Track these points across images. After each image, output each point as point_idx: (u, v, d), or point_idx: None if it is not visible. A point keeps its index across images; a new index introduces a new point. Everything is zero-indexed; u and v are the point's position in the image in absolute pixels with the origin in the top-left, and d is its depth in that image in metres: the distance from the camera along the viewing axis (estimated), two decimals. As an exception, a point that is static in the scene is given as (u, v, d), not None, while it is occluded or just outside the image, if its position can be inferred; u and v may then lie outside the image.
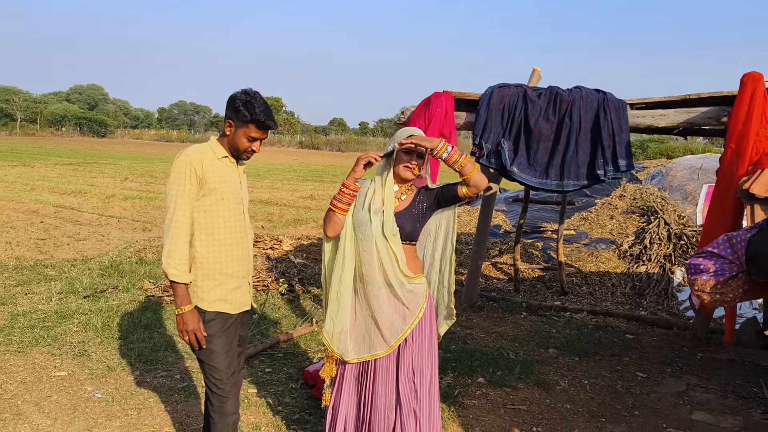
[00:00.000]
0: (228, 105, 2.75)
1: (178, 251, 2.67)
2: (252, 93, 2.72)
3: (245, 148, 2.77)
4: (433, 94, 4.59)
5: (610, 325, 6.17)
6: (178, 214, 2.67)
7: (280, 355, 4.95)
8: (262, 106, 2.70)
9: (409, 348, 2.86)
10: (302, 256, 8.29)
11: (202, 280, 2.78)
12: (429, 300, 2.93)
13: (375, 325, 2.86)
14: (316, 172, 28.64)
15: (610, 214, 8.73)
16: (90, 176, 20.70)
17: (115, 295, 6.31)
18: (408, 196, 2.91)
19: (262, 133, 2.75)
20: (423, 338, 2.89)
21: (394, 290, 2.82)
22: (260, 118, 2.69)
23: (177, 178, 2.70)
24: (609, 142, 4.11)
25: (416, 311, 2.85)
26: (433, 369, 2.96)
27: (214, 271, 2.79)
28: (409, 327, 2.84)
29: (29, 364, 4.52)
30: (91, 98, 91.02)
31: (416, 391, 2.86)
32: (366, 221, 2.82)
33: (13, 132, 65.04)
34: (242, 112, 2.68)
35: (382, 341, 2.85)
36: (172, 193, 2.69)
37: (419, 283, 2.87)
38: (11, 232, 9.99)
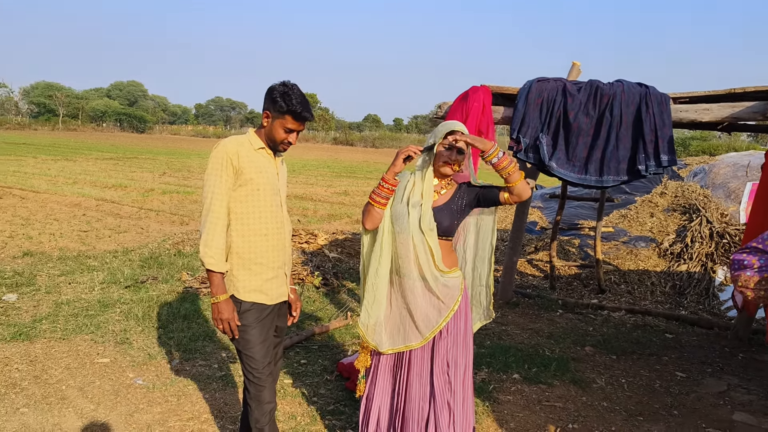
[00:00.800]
0: (266, 96, 2.78)
1: (215, 241, 2.71)
2: (290, 85, 2.74)
3: (282, 139, 2.79)
4: (470, 89, 4.56)
5: (649, 324, 6.05)
6: (215, 204, 2.71)
7: (315, 347, 5.00)
8: (299, 97, 2.72)
9: (443, 341, 2.87)
10: (337, 251, 8.34)
11: (237, 269, 2.82)
12: (464, 294, 2.92)
13: (410, 317, 2.87)
14: (350, 168, 28.74)
15: (650, 211, 8.56)
16: (130, 171, 21.16)
17: (154, 285, 6.44)
18: (448, 191, 2.90)
19: (299, 124, 2.77)
20: (458, 331, 2.89)
21: (428, 284, 2.83)
22: (297, 109, 2.71)
23: (214, 168, 2.74)
24: (651, 137, 4.02)
25: (451, 304, 2.85)
26: (468, 362, 2.96)
27: (250, 261, 2.82)
28: (444, 320, 2.85)
29: (73, 350, 4.65)
30: (131, 94, 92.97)
31: (450, 384, 2.87)
32: (404, 214, 2.83)
33: (55, 127, 66.86)
34: (279, 103, 2.71)
35: (416, 333, 2.87)
36: (209, 184, 2.73)
37: (454, 277, 2.86)
38: (55, 224, 10.28)
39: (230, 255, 2.81)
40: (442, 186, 2.90)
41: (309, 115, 2.77)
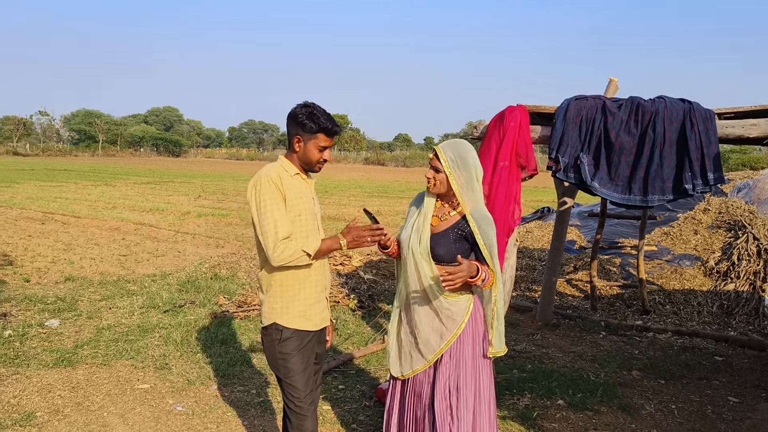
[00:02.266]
0: (291, 122, 2.79)
1: (296, 253, 2.67)
2: (311, 104, 2.78)
3: (317, 159, 2.81)
4: (506, 108, 4.49)
5: (697, 346, 5.83)
6: (281, 229, 2.66)
7: (353, 372, 4.94)
8: (324, 114, 2.76)
9: (445, 366, 2.83)
10: (372, 272, 8.29)
11: (280, 296, 2.80)
12: (472, 318, 2.84)
13: (414, 341, 2.88)
14: (382, 187, 28.79)
15: (693, 228, 8.31)
16: (166, 194, 21.55)
17: (192, 309, 6.48)
18: (449, 219, 2.85)
19: (331, 140, 2.81)
20: (464, 357, 2.82)
21: (432, 307, 2.83)
22: (327, 126, 2.75)
23: (264, 195, 2.68)
24: (697, 155, 3.89)
25: (453, 329, 2.82)
26: (479, 389, 2.85)
27: (292, 287, 2.80)
28: (445, 344, 2.82)
29: (114, 376, 4.68)
30: (167, 119, 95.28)
31: (452, 410, 2.81)
32: (406, 238, 2.88)
33: (95, 153, 68.77)
34: (308, 125, 2.73)
35: (420, 357, 2.87)
36: (266, 211, 2.67)
37: (457, 302, 2.82)
38: (95, 249, 10.48)
39: (272, 282, 2.79)
40: (445, 212, 2.87)
41: (339, 128, 2.82)
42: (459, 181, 2.77)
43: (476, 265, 2.65)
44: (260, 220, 2.68)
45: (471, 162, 2.77)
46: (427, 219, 2.86)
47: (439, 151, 2.81)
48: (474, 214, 2.76)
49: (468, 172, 2.77)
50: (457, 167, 2.76)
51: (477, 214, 2.77)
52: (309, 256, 2.71)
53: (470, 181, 2.78)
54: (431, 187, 2.84)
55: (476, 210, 2.78)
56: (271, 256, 2.66)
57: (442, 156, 2.79)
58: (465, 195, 2.78)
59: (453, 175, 2.76)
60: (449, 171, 2.77)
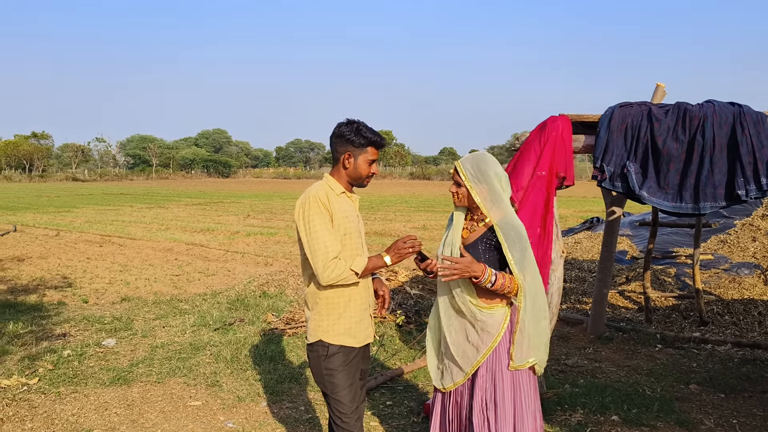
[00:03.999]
0: (338, 140, 2.84)
1: (344, 272, 2.70)
2: (355, 121, 2.85)
3: (367, 173, 2.88)
4: (548, 118, 4.44)
5: (759, 358, 5.58)
6: (332, 250, 2.69)
7: (401, 388, 4.92)
8: (370, 129, 2.84)
9: (481, 378, 2.80)
10: (418, 287, 8.26)
11: (326, 313, 2.82)
12: (508, 331, 2.80)
13: (452, 354, 2.88)
14: (427, 202, 28.77)
15: (752, 235, 7.99)
16: (216, 215, 22.07)
17: (241, 327, 6.59)
18: (477, 231, 2.85)
19: (378, 152, 2.89)
20: (501, 370, 2.78)
21: (467, 319, 2.83)
22: (376, 139, 2.83)
23: (312, 215, 2.72)
24: (749, 159, 3.75)
25: (489, 342, 2.79)
26: (519, 402, 2.77)
27: (338, 304, 2.82)
28: (482, 357, 2.80)
29: (167, 394, 4.79)
30: (216, 141, 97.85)
31: (490, 423, 2.77)
32: (440, 254, 2.91)
33: (149, 176, 71.17)
34: (357, 140, 2.80)
35: (459, 370, 2.87)
36: (315, 231, 2.70)
37: (491, 314, 2.79)
38: (149, 270, 10.80)
39: (318, 299, 2.82)
40: (474, 223, 2.88)
41: (385, 140, 2.91)
42: (482, 194, 2.79)
43: (483, 265, 2.65)
44: (310, 240, 2.71)
45: (491, 174, 2.77)
46: (457, 232, 2.89)
47: (459, 166, 2.85)
48: (501, 224, 2.75)
49: (490, 184, 2.77)
50: (477, 180, 2.78)
51: (504, 223, 2.75)
52: (357, 275, 2.73)
53: (494, 192, 2.77)
54: (456, 201, 2.90)
55: (504, 220, 2.76)
56: (321, 276, 2.69)
57: (461, 170, 2.83)
58: (491, 206, 2.79)
59: (474, 188, 2.79)
60: (470, 185, 2.79)
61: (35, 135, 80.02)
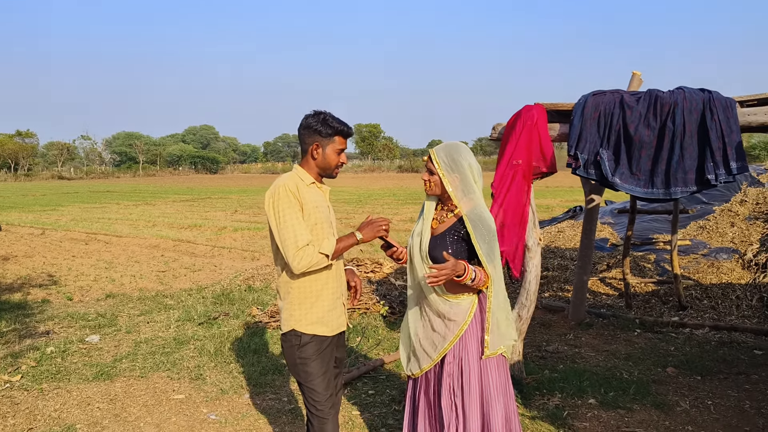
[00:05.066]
0: (305, 131, 2.88)
1: (315, 256, 2.72)
2: (321, 111, 2.89)
3: (336, 163, 2.92)
4: (523, 108, 4.48)
5: (736, 340, 5.68)
6: (301, 237, 2.71)
7: (383, 377, 4.97)
8: (336, 118, 2.88)
9: (448, 365, 2.86)
10: (403, 279, 8.31)
11: (298, 303, 2.86)
12: (475, 320, 2.85)
13: (420, 341, 2.94)
14: (415, 195, 28.81)
15: (730, 221, 8.09)
16: (204, 211, 22.00)
17: (226, 321, 6.61)
18: (447, 221, 2.88)
19: (345, 141, 2.93)
20: (467, 357, 2.83)
21: (433, 309, 2.88)
22: (343, 129, 2.87)
23: (282, 206, 2.75)
24: (718, 144, 3.81)
25: (455, 330, 2.84)
26: (487, 388, 2.82)
27: (310, 294, 2.86)
28: (448, 344, 2.85)
29: (150, 388, 4.81)
30: (204, 137, 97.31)
31: (457, 408, 2.83)
32: (411, 243, 2.96)
33: (136, 173, 70.69)
34: (324, 130, 2.84)
35: (425, 356, 2.92)
36: (285, 220, 2.73)
37: (458, 303, 2.83)
38: (135, 266, 10.78)
39: (290, 289, 2.85)
40: (444, 214, 2.90)
41: (352, 129, 2.95)
42: (453, 183, 2.81)
43: (464, 264, 2.67)
44: (280, 230, 2.74)
45: (465, 164, 2.80)
46: (427, 222, 2.92)
47: (433, 154, 2.88)
48: (470, 216, 2.77)
49: (462, 174, 2.80)
50: (450, 169, 2.81)
51: (473, 215, 2.77)
52: (328, 257, 2.76)
53: (466, 182, 2.80)
54: (427, 189, 2.91)
55: (473, 211, 2.78)
56: (293, 264, 2.72)
57: (435, 158, 2.86)
58: (461, 197, 2.81)
59: (446, 176, 2.81)
60: (442, 173, 2.82)
61: (20, 133, 79.22)
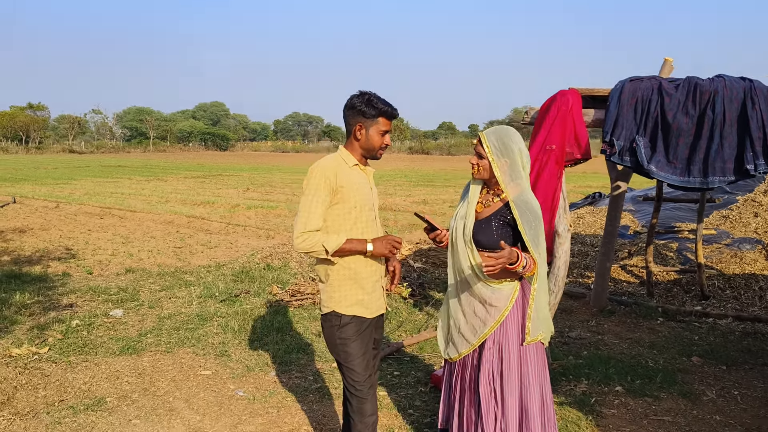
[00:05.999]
0: (349, 112, 2.85)
1: (317, 245, 2.74)
2: (366, 92, 2.85)
3: (380, 144, 2.89)
4: (558, 93, 4.43)
5: (760, 331, 5.66)
6: (311, 223, 2.74)
7: (407, 359, 4.99)
8: (381, 99, 2.84)
9: (488, 351, 2.85)
10: (421, 261, 8.32)
11: (339, 284, 2.87)
12: (516, 306, 2.84)
13: (459, 326, 2.94)
14: (427, 176, 28.75)
15: (754, 211, 8.03)
16: (216, 188, 22.04)
17: (248, 299, 6.64)
18: (492, 206, 2.85)
19: (390, 123, 2.89)
20: (507, 343, 2.83)
21: (474, 293, 2.86)
22: (387, 110, 2.83)
23: (311, 186, 2.79)
24: (759, 134, 3.76)
25: (496, 315, 2.83)
26: (526, 375, 2.83)
27: (350, 276, 2.87)
28: (489, 329, 2.84)
29: (177, 363, 4.86)
30: (214, 114, 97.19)
31: (496, 394, 2.83)
32: (454, 226, 2.92)
33: (147, 149, 70.83)
34: (368, 111, 2.81)
35: (464, 341, 2.92)
36: (306, 200, 2.77)
37: (500, 288, 2.82)
38: (151, 242, 10.83)
39: (330, 270, 2.86)
40: (490, 198, 2.87)
41: (397, 110, 2.90)
42: (502, 168, 2.78)
43: (517, 251, 2.65)
44: (300, 206, 2.80)
45: (515, 149, 2.77)
46: (472, 206, 2.89)
47: (483, 137, 2.83)
48: (517, 201, 2.75)
49: (512, 159, 2.77)
50: (500, 153, 2.78)
51: (520, 201, 2.75)
52: (327, 252, 2.75)
53: (515, 167, 2.77)
54: (475, 173, 2.88)
55: (520, 197, 2.76)
56: (294, 241, 2.77)
57: (485, 142, 2.81)
58: (509, 182, 2.78)
59: (496, 161, 2.78)
60: (492, 157, 2.79)
61: (31, 106, 79.33)
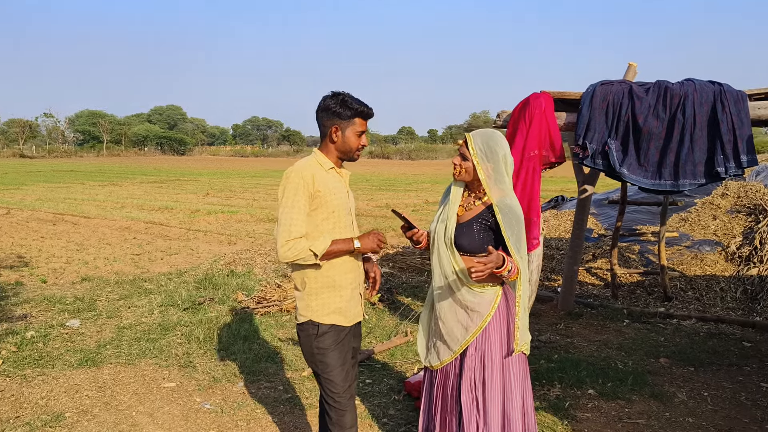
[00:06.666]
0: (324, 114, 2.75)
1: (304, 251, 2.63)
2: (340, 92, 2.76)
3: (357, 146, 2.80)
4: (531, 96, 4.43)
5: (724, 332, 5.77)
6: (295, 227, 2.64)
7: (379, 366, 4.90)
8: (356, 99, 2.75)
9: (470, 358, 2.78)
10: (388, 266, 8.25)
11: (316, 292, 2.76)
12: (499, 312, 2.78)
13: (440, 332, 2.86)
14: (389, 181, 28.76)
15: (712, 213, 8.22)
16: (174, 193, 21.56)
17: (212, 307, 6.45)
18: (474, 209, 2.79)
19: (366, 123, 2.80)
20: (490, 350, 2.76)
21: (456, 299, 2.79)
22: (363, 110, 2.74)
23: (289, 192, 2.67)
24: (729, 137, 3.82)
25: (478, 322, 2.77)
26: (508, 382, 2.76)
27: (328, 283, 2.76)
28: (471, 336, 2.77)
29: (139, 375, 4.65)
30: (171, 118, 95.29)
31: (479, 403, 2.76)
32: (433, 230, 2.86)
33: (100, 153, 69.00)
34: (343, 112, 2.71)
35: (446, 348, 2.85)
36: (286, 208, 2.66)
37: (482, 294, 2.76)
38: (108, 249, 10.47)
39: (308, 278, 2.75)
40: (472, 200, 2.82)
41: (372, 110, 2.80)
42: (486, 171, 2.73)
43: (503, 255, 2.58)
44: (279, 214, 2.68)
45: (500, 153, 2.72)
46: (453, 209, 2.82)
47: (469, 139, 2.77)
48: (500, 205, 2.69)
49: (496, 164, 2.72)
50: (485, 156, 2.72)
51: (503, 204, 2.69)
52: (316, 256, 2.65)
53: (498, 171, 2.72)
54: (457, 175, 2.81)
55: (503, 201, 2.70)
56: (279, 252, 2.64)
57: (471, 144, 2.75)
58: (492, 185, 2.73)
59: (481, 164, 2.72)
60: (477, 160, 2.73)
61: (-23, 109, 76.21)
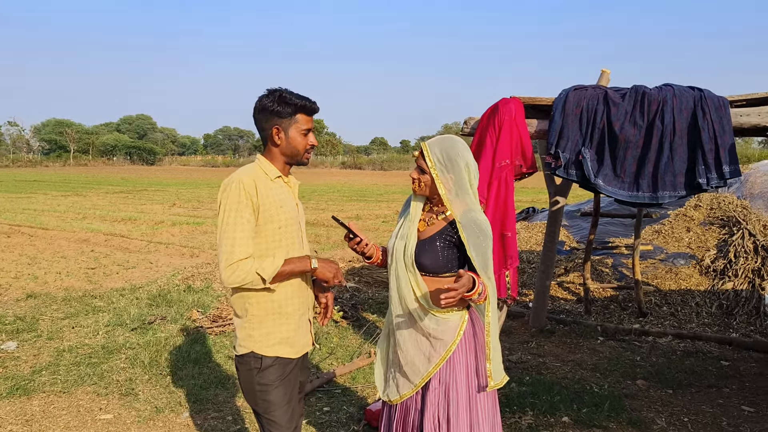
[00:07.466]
0: (261, 115, 2.40)
1: (250, 274, 2.28)
2: (276, 88, 2.40)
3: (304, 146, 2.44)
4: (500, 101, 4.14)
5: (701, 350, 5.53)
6: (238, 250, 2.27)
7: (338, 392, 4.53)
8: (295, 94, 2.40)
9: (433, 392, 2.43)
10: (354, 280, 7.90)
11: (260, 320, 2.40)
12: (465, 339, 2.44)
13: (400, 363, 2.51)
14: (360, 191, 28.42)
15: (686, 226, 8.04)
16: (140, 203, 20.91)
17: (163, 326, 6.02)
18: (436, 225, 2.46)
19: (311, 119, 2.45)
20: (455, 383, 2.41)
21: (418, 325, 2.45)
22: (305, 104, 2.39)
23: (230, 206, 2.30)
24: (710, 146, 3.57)
25: (442, 351, 2.42)
26: (475, 418, 2.42)
27: (272, 310, 2.40)
28: (433, 368, 2.43)
29: (74, 406, 4.22)
30: (140, 128, 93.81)
31: None
32: (391, 247, 2.53)
33: (66, 163, 67.43)
34: (283, 110, 2.36)
35: (406, 381, 2.50)
36: (227, 225, 2.28)
37: (446, 319, 2.42)
38: (62, 262, 9.93)
39: (249, 303, 2.38)
40: (433, 215, 2.48)
41: (316, 104, 2.44)
42: (447, 184, 2.40)
43: (473, 276, 2.26)
44: (220, 232, 2.30)
45: (461, 163, 2.38)
46: (414, 224, 2.48)
47: (426, 149, 2.43)
48: (463, 220, 2.37)
49: (458, 174, 2.38)
50: (444, 168, 2.38)
51: (467, 219, 2.37)
52: (264, 281, 2.29)
53: (460, 183, 2.39)
54: (416, 189, 2.48)
55: (467, 215, 2.38)
56: (222, 276, 2.28)
57: (428, 155, 2.41)
58: (453, 198, 2.40)
59: (440, 176, 2.39)
60: (435, 172, 2.39)
61: (-62, 117, 74.07)
